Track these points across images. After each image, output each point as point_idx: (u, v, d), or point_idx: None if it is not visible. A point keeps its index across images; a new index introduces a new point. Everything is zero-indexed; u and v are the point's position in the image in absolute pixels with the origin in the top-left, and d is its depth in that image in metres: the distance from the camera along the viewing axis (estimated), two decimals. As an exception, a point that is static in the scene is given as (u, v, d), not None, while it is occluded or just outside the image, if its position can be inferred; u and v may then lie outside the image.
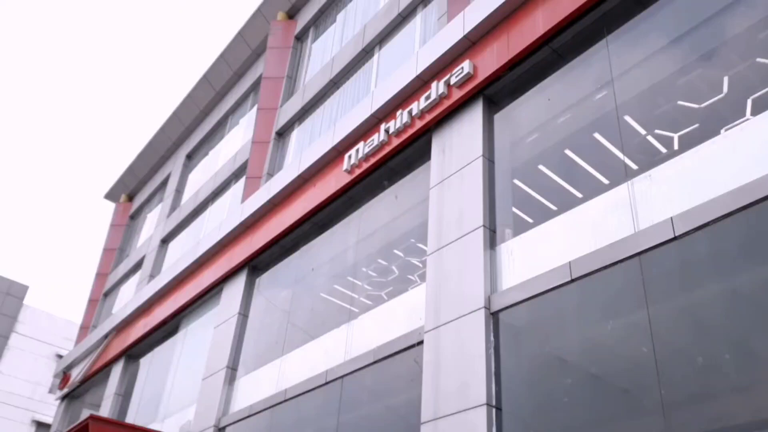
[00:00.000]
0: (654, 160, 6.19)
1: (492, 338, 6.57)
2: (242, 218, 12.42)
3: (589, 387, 6.27)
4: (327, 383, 8.77)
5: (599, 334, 6.28)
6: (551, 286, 6.27)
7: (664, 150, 6.27)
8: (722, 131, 5.72)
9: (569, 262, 6.18)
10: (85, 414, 11.33)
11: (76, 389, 18.73)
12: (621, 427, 5.74)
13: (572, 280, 6.11)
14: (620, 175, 6.36)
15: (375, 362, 8.08)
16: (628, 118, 6.67)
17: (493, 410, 6.17)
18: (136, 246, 21.24)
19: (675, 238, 5.46)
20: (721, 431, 4.98)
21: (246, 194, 13.60)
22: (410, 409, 7.20)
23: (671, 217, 5.53)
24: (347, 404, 8.51)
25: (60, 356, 27.94)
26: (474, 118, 8.25)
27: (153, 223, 20.47)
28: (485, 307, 6.68)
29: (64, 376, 19.60)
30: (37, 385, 29.38)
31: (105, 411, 15.40)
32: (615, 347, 6.11)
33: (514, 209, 7.60)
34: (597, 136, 7.04)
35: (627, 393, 6.01)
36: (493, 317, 6.70)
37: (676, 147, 6.15)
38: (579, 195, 6.92)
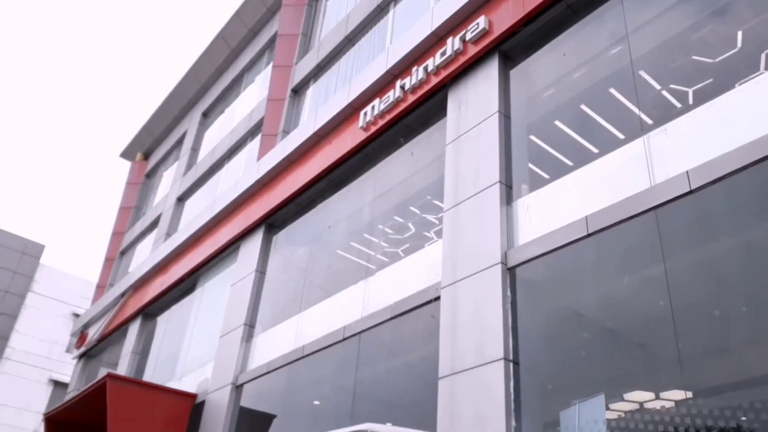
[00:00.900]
0: (669, 114, 6.15)
1: (509, 293, 6.63)
2: (258, 176, 12.46)
3: (605, 341, 6.35)
4: (344, 339, 8.90)
5: (615, 289, 6.33)
6: (568, 241, 6.29)
7: (679, 104, 6.23)
8: (736, 85, 5.66)
9: (585, 217, 6.19)
10: (103, 373, 11.64)
11: (93, 348, 19.13)
12: (637, 380, 5.82)
13: (588, 235, 6.13)
14: (636, 129, 6.33)
15: (392, 318, 8.18)
16: (642, 73, 6.61)
17: (510, 364, 6.27)
18: (152, 204, 21.39)
19: (691, 192, 5.46)
20: (738, 384, 5.04)
21: (262, 152, 13.60)
22: (428, 364, 7.31)
23: (687, 171, 5.52)
24: (365, 360, 8.65)
25: (77, 315, 28.49)
26: (490, 73, 8.18)
27: (169, 182, 20.57)
28: (502, 263, 6.72)
29: (81, 335, 19.98)
30: (54, 344, 29.99)
31: (122, 369, 15.73)
32: (631, 301, 6.16)
33: (530, 165, 7.58)
34: (612, 91, 6.98)
35: (643, 347, 6.08)
36: (510, 272, 6.74)
37: (690, 101, 6.11)
38: (595, 150, 6.89)
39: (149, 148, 23.76)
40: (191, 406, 11.24)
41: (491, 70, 8.18)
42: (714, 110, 5.68)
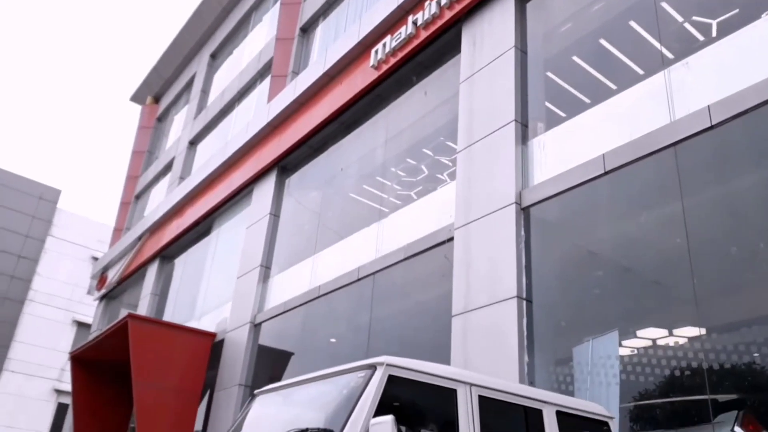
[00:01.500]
0: (691, 47, 5.94)
1: (522, 233, 6.60)
2: (269, 118, 12.34)
3: (619, 279, 6.35)
4: (359, 280, 8.99)
5: (631, 227, 6.28)
6: (584, 180, 6.20)
7: (701, 37, 6.01)
8: (763, 16, 5.41)
9: (603, 155, 6.08)
10: (123, 313, 11.88)
11: (113, 290, 19.55)
12: (652, 317, 5.85)
13: (605, 173, 6.03)
14: (656, 63, 6.12)
15: (405, 259, 8.22)
16: (664, 5, 6.34)
17: (524, 302, 6.31)
18: (165, 148, 21.38)
19: (711, 127, 5.31)
20: (753, 320, 5.05)
21: (272, 94, 13.42)
22: (441, 303, 7.38)
23: (708, 106, 5.36)
24: (379, 300, 8.76)
25: (95, 259, 29.00)
26: (506, 7, 7.88)
27: (180, 125, 20.47)
28: (516, 203, 6.67)
29: (101, 277, 20.39)
30: (75, 286, 30.68)
31: (142, 310, 16.09)
32: (647, 239, 6.12)
33: (547, 103, 7.41)
34: (632, 24, 6.72)
35: (657, 285, 6.08)
36: (524, 212, 6.70)
37: (714, 34, 5.88)
38: (613, 86, 6.71)
39: (159, 92, 23.55)
40: (211, 344, 11.53)
41: (507, 3, 7.89)
42: (738, 43, 5.46)
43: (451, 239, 7.44)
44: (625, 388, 5.59)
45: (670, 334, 5.74)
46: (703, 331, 5.26)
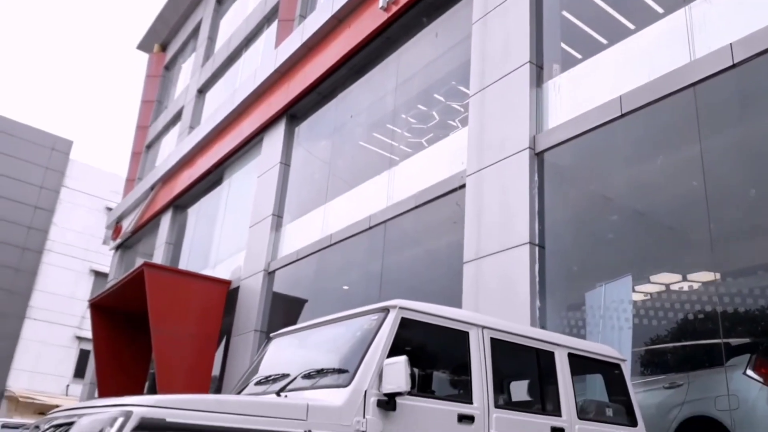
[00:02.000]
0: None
1: (536, 179, 6.51)
2: (277, 65, 12.14)
3: (633, 224, 6.29)
4: (370, 228, 9.00)
5: (647, 171, 6.17)
6: (600, 122, 6.06)
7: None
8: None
9: (620, 96, 5.92)
10: (139, 262, 12.03)
11: (128, 239, 19.76)
12: (665, 262, 5.81)
13: (622, 115, 5.88)
14: (677, 0, 5.87)
15: (416, 207, 8.19)
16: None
17: (536, 248, 6.27)
18: (174, 97, 21.20)
19: (733, 66, 5.12)
20: (768, 264, 5.00)
21: (279, 39, 13.15)
22: (452, 250, 7.38)
23: (730, 44, 5.16)
24: (390, 248, 8.77)
25: (109, 209, 29.26)
26: (521, -57, 7.56)
27: (188, 73, 20.23)
28: (530, 148, 6.56)
29: (116, 227, 20.60)
30: (91, 236, 31.11)
31: (157, 259, 16.26)
32: (663, 183, 6.03)
33: (562, 44, 7.19)
34: (654, -41, 6.43)
35: (672, 230, 6.02)
36: (538, 157, 6.59)
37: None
38: (631, 26, 6.47)
39: (166, 39, 23.19)
40: (226, 292, 11.69)
41: (521, -61, 7.56)
42: (763, -24, 5.21)
43: (462, 186, 7.37)
44: (638, 333, 5.61)
45: (684, 279, 5.72)
46: (718, 275, 5.22)
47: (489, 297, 6.43)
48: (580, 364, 4.35)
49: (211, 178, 15.04)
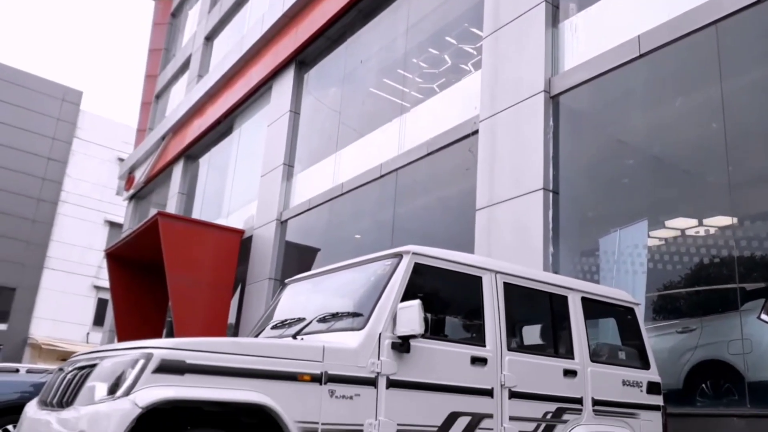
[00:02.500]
0: None
1: (551, 123, 6.39)
2: (284, 9, 11.86)
3: (649, 169, 6.19)
4: (381, 177, 8.94)
5: (665, 114, 6.03)
6: (617, 64, 5.89)
7: None
8: None
9: (638, 36, 5.73)
10: (153, 212, 12.09)
11: (141, 190, 19.87)
12: (682, 207, 5.74)
13: (640, 56, 5.71)
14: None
15: (428, 154, 8.10)
16: None
17: (550, 194, 6.22)
18: (181, 45, 20.89)
19: (758, 2, 4.92)
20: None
21: (287, -18, 12.79)
22: (464, 198, 7.33)
23: (757, -21, 4.94)
24: (402, 196, 8.74)
25: (121, 160, 29.35)
26: None
27: (195, 20, 19.86)
28: (545, 91, 6.41)
29: (129, 178, 20.68)
30: (104, 188, 31.35)
31: (170, 209, 16.33)
32: (681, 126, 5.90)
33: (580, -18, 6.93)
34: None
35: (689, 174, 5.92)
36: (553, 101, 6.45)
37: None
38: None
39: (171, -16, 22.73)
40: (239, 241, 11.77)
41: None
42: None
43: (475, 132, 7.27)
44: (652, 278, 5.59)
45: (700, 223, 5.65)
46: (735, 219, 5.16)
47: (501, 244, 6.41)
48: (594, 308, 4.35)
49: (221, 128, 14.96)
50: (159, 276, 10.98)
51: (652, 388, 4.26)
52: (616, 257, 5.54)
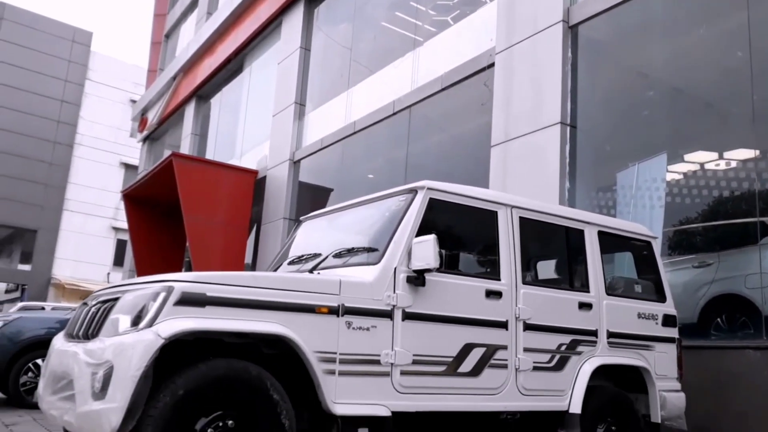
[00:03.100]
0: None
1: (569, 54, 6.21)
2: (293, -58, 11.47)
3: (670, 101, 6.04)
4: (394, 114, 8.82)
5: (687, 43, 5.83)
6: (640, -9, 5.66)
7: None
8: None
9: (664, -38, 5.48)
10: (167, 154, 12.09)
11: (154, 131, 19.83)
12: (702, 140, 5.62)
13: (665, -17, 5.48)
14: None
15: (443, 89, 7.95)
16: None
17: (567, 128, 6.10)
18: (189, -19, 20.40)
19: None
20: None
21: None
22: (479, 134, 7.23)
23: None
24: (415, 133, 8.64)
25: (134, 101, 29.21)
26: None
27: (201, -46, 19.31)
28: (563, 21, 6.20)
29: (142, 119, 20.61)
30: (118, 130, 31.38)
31: (184, 150, 16.30)
32: (704, 57, 5.71)
33: None
34: None
35: (711, 106, 5.77)
36: (572, 31, 6.24)
37: None
38: None
39: None
40: (254, 181, 11.81)
41: None
42: None
43: (491, 65, 7.09)
44: (669, 213, 5.54)
45: (720, 156, 5.55)
46: (758, 152, 5.05)
47: (517, 181, 6.36)
48: (610, 242, 4.34)
49: (232, 66, 14.75)
50: (176, 217, 11.09)
51: (668, 320, 4.29)
52: (634, 192, 5.47)
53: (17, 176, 28.38)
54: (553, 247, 4.29)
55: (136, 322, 2.71)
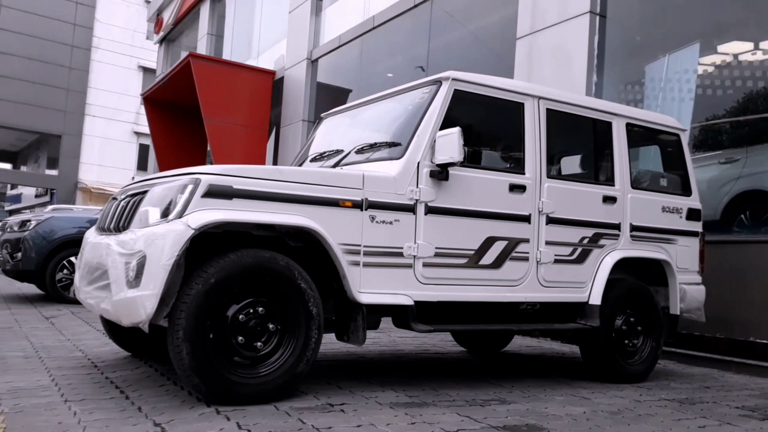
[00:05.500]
0: None
1: (602, -63, 5.81)
2: None
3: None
4: (416, 6, 8.48)
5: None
6: None
7: None
8: None
9: None
10: (184, 55, 11.86)
11: (170, 32, 19.37)
12: (736, 30, 5.33)
13: None
14: None
15: (467, -21, 7.58)
16: None
17: (597, 18, 5.83)
18: None
19: None
20: None
21: None
22: (504, 27, 6.95)
23: None
24: (437, 28, 8.32)
25: (148, 1, 28.36)
26: None
27: None
28: None
29: (158, 20, 20.10)
30: (134, 32, 30.72)
31: (201, 51, 16.01)
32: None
33: None
34: None
35: None
36: None
37: None
38: None
39: None
40: (272, 82, 11.63)
41: None
42: None
43: (518, -49, 6.70)
44: (698, 107, 5.37)
45: (756, 47, 5.28)
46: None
47: (542, 74, 6.17)
48: (638, 135, 4.25)
49: (246, -40, 14.15)
50: (197, 119, 11.07)
51: (692, 214, 4.26)
52: (663, 84, 5.28)
53: (40, 81, 28.31)
54: (580, 140, 4.22)
55: (165, 213, 2.77)
